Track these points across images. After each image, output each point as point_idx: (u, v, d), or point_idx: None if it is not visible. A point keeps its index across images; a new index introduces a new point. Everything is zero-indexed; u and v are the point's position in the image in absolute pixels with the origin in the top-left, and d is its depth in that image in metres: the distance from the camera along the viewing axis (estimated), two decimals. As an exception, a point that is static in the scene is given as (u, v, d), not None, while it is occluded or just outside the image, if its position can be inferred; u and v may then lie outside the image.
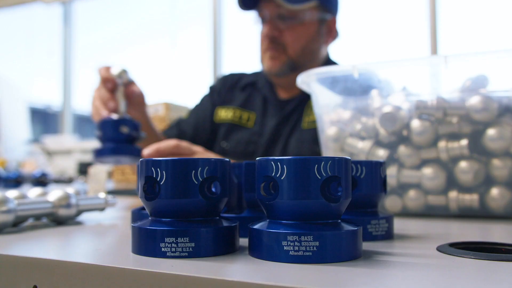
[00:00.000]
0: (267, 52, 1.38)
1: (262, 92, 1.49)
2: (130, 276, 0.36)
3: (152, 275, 0.35)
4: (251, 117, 1.47)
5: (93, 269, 0.38)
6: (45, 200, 0.62)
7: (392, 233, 0.53)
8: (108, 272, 0.37)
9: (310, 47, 1.39)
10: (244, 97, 1.51)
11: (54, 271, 0.40)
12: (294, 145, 1.38)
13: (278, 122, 1.42)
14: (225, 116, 1.49)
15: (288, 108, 1.43)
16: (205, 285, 0.33)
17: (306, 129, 1.37)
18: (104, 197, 0.71)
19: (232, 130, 1.47)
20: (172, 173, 0.41)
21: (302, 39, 1.36)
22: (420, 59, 0.78)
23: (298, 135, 1.38)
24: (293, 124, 1.41)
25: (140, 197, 0.43)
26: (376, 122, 0.77)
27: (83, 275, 0.38)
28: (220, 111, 1.51)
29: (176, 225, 0.41)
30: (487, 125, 0.70)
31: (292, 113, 1.42)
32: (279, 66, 1.37)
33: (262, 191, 0.41)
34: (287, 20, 1.34)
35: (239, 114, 1.48)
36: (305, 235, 0.38)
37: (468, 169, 0.70)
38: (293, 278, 0.33)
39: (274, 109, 1.45)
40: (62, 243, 0.52)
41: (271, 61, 1.38)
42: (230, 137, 1.47)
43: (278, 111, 1.44)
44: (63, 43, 4.54)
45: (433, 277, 0.34)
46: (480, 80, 0.72)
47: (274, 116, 1.44)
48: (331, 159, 0.39)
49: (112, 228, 0.62)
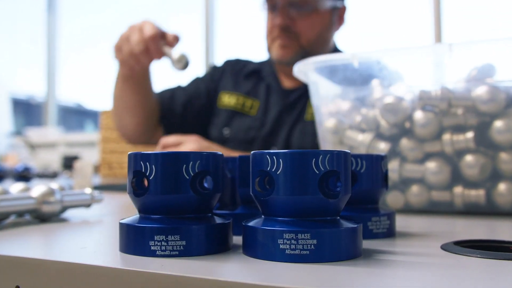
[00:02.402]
0: (277, 40, 1.38)
1: (267, 81, 1.51)
2: (117, 276, 0.36)
3: (141, 275, 0.35)
4: (254, 105, 1.48)
5: (78, 268, 0.38)
6: (28, 196, 0.62)
7: (394, 231, 0.53)
8: (95, 271, 0.37)
9: (323, 36, 1.40)
10: (249, 85, 1.53)
11: (38, 270, 0.40)
12: (297, 136, 1.39)
13: (280, 111, 1.43)
14: (228, 102, 1.50)
15: (291, 98, 1.45)
16: (196, 285, 0.33)
17: (309, 120, 1.38)
18: (90, 193, 0.71)
19: (234, 117, 1.49)
20: (162, 168, 0.41)
21: (316, 28, 1.37)
22: (423, 47, 0.78)
23: (301, 126, 1.40)
24: (296, 114, 1.42)
25: (129, 193, 0.43)
26: (377, 114, 0.76)
27: (68, 275, 0.38)
28: (223, 96, 1.53)
29: (166, 222, 0.41)
30: (494, 117, 0.70)
31: (295, 103, 1.44)
32: (291, 55, 1.37)
33: (257, 187, 0.41)
34: (300, 8, 1.35)
35: (243, 101, 1.49)
36: (302, 233, 0.38)
37: (474, 163, 0.70)
38: (289, 278, 0.33)
39: (278, 97, 1.46)
40: (46, 241, 0.52)
41: (282, 49, 1.38)
42: (231, 124, 1.48)
43: (281, 100, 1.45)
44: (47, 31, 4.52)
45: (437, 277, 0.34)
46: (486, 69, 0.72)
47: (276, 104, 1.45)
48: (330, 153, 0.39)
49: (99, 225, 0.62)
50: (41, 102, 4.60)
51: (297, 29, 1.36)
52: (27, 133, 3.83)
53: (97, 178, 2.05)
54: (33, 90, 4.97)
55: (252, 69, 1.56)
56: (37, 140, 3.64)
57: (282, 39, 1.37)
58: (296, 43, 1.37)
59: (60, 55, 4.53)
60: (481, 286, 0.32)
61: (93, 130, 4.65)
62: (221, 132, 1.49)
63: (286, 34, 1.36)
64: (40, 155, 3.41)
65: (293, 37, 1.36)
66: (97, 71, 4.85)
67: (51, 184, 0.68)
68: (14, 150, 3.24)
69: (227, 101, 1.51)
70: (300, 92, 1.44)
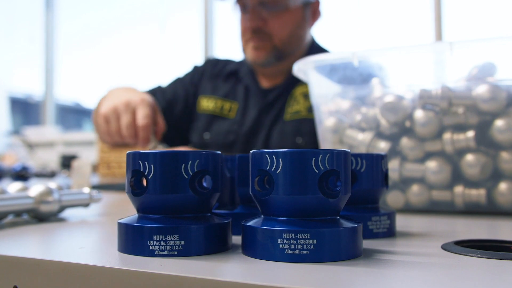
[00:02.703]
0: (250, 43, 1.38)
1: (244, 82, 1.50)
2: (116, 276, 0.36)
3: (140, 275, 0.35)
4: (233, 108, 1.47)
5: (76, 268, 0.38)
6: (26, 196, 0.62)
7: (394, 231, 0.53)
8: (93, 272, 0.37)
9: (296, 34, 1.39)
10: (227, 87, 1.52)
11: (36, 270, 0.40)
12: (276, 137, 1.39)
13: (259, 112, 1.43)
14: (207, 106, 1.50)
15: (270, 97, 1.44)
16: (195, 285, 0.33)
17: (288, 120, 1.38)
18: (88, 192, 0.71)
19: (213, 121, 1.49)
20: (161, 167, 0.41)
21: (288, 27, 1.36)
22: (424, 46, 0.78)
23: (280, 127, 1.39)
24: (275, 114, 1.42)
25: (127, 192, 0.43)
26: (377, 113, 0.76)
27: (66, 275, 0.38)
28: (202, 101, 1.53)
29: (165, 222, 0.41)
30: (495, 116, 0.70)
31: (274, 103, 1.43)
32: (265, 56, 1.37)
33: (256, 186, 0.41)
34: (270, 7, 1.33)
35: (221, 105, 1.49)
36: (302, 233, 0.38)
37: (475, 162, 0.70)
38: (289, 278, 0.33)
39: (256, 98, 1.46)
40: (44, 241, 0.52)
41: (255, 51, 1.38)
42: (211, 128, 1.48)
43: (260, 100, 1.45)
44: (45, 29, 4.52)
45: (438, 277, 0.34)
46: (487, 68, 0.72)
47: (255, 105, 1.45)
48: (330, 152, 0.39)
49: (97, 225, 0.62)
50: (39, 101, 4.60)
51: (269, 29, 1.34)
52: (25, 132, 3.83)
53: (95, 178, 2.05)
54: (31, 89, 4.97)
55: (230, 70, 1.55)
56: (35, 139, 3.64)
57: (255, 41, 1.36)
58: (269, 43, 1.36)
59: (58, 53, 4.53)
60: (482, 287, 0.32)
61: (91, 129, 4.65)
62: (202, 136, 1.49)
63: (258, 36, 1.35)
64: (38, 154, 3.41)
65: (265, 38, 1.35)
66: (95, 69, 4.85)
67: (49, 184, 0.68)
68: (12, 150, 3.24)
69: (205, 105, 1.51)
70: (278, 91, 1.43)
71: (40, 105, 4.56)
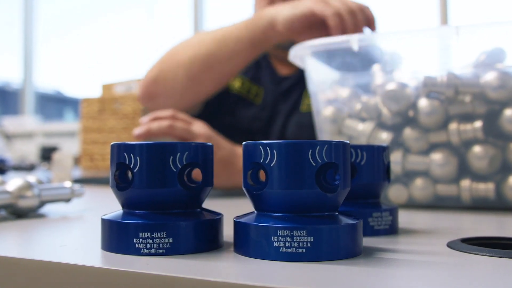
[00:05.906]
0: None
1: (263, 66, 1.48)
2: (99, 276, 0.36)
3: (125, 274, 0.35)
4: (259, 93, 1.46)
5: (57, 268, 0.38)
6: (3, 190, 0.62)
7: (397, 227, 0.53)
8: (75, 271, 0.37)
9: None
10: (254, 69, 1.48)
11: (14, 270, 0.40)
12: (293, 129, 1.38)
13: (274, 100, 1.42)
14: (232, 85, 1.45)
15: (284, 85, 1.43)
16: (184, 286, 0.33)
17: (305, 112, 1.37)
18: (70, 187, 0.71)
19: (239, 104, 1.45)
20: (147, 159, 0.41)
21: None
22: (428, 30, 0.78)
23: (297, 118, 1.38)
24: (291, 104, 1.40)
25: (111, 187, 0.43)
26: (378, 101, 0.76)
27: (46, 275, 0.38)
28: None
29: (151, 218, 0.41)
30: (504, 105, 0.70)
31: (289, 92, 1.42)
32: None
33: (249, 180, 0.41)
34: None
35: (248, 87, 1.46)
36: (298, 230, 0.38)
37: (483, 154, 0.70)
38: (284, 278, 0.33)
39: (271, 85, 1.44)
40: (23, 238, 0.52)
41: None
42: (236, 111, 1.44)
43: (275, 88, 1.43)
44: (24, 13, 4.49)
45: (443, 277, 0.34)
46: (496, 53, 0.72)
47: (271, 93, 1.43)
48: (328, 143, 0.39)
49: (79, 221, 0.62)
50: (17, 89, 4.58)
51: None
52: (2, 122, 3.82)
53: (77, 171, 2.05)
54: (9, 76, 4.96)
55: None
56: (13, 130, 3.62)
57: None
58: None
59: (37, 39, 4.51)
60: (489, 286, 0.32)
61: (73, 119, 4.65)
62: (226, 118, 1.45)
63: None
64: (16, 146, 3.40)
65: None
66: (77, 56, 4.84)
67: (28, 177, 0.68)
68: (-12, 141, 3.23)
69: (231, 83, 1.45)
70: (294, 80, 1.42)
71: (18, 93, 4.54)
